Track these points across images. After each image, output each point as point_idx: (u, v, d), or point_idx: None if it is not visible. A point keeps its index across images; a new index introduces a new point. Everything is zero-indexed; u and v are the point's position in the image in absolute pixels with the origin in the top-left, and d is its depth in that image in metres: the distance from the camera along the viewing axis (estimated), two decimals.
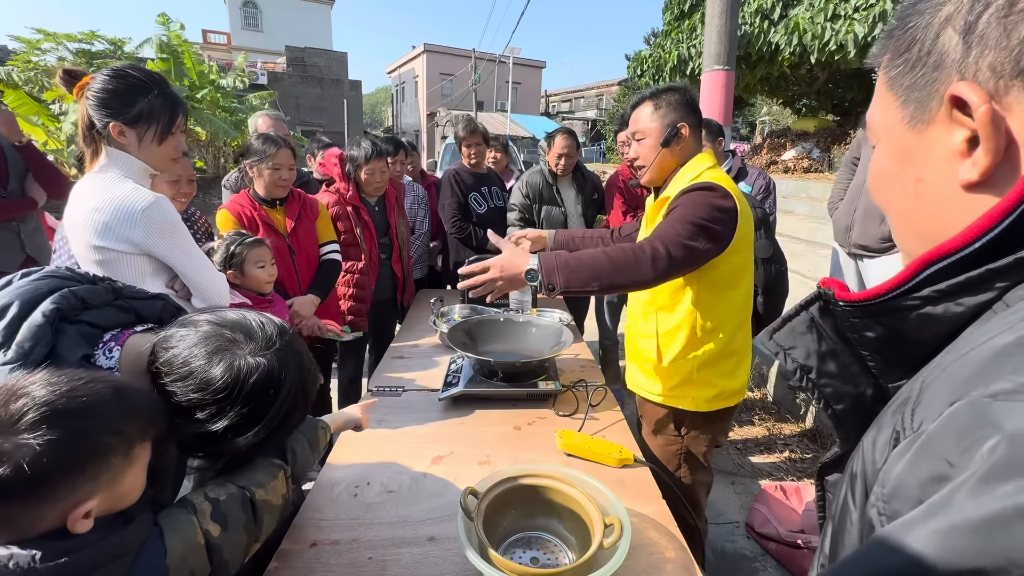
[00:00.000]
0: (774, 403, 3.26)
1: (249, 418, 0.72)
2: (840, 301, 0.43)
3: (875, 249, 2.30)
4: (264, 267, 1.78)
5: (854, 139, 2.59)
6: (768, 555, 2.03)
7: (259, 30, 27.23)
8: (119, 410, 0.60)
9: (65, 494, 0.55)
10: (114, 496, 0.60)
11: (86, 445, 0.57)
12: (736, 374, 1.42)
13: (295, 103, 18.45)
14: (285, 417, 0.76)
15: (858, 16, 6.46)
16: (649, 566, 0.94)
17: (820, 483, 0.52)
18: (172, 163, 1.36)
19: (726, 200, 1.26)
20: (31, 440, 0.53)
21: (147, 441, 0.63)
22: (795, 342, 0.47)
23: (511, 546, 0.97)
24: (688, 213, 1.24)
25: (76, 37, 9.68)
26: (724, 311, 1.37)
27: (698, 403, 1.40)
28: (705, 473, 1.49)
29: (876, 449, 0.34)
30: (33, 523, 0.55)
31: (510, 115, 20.71)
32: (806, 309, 0.47)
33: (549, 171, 2.79)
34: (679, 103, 1.36)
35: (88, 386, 0.59)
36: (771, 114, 14.43)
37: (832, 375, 0.46)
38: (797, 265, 4.40)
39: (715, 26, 4.28)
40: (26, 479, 0.52)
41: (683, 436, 1.45)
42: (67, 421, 0.56)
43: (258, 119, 2.70)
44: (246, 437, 0.73)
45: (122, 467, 0.60)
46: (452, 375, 1.60)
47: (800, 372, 0.47)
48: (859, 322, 0.42)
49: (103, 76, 1.21)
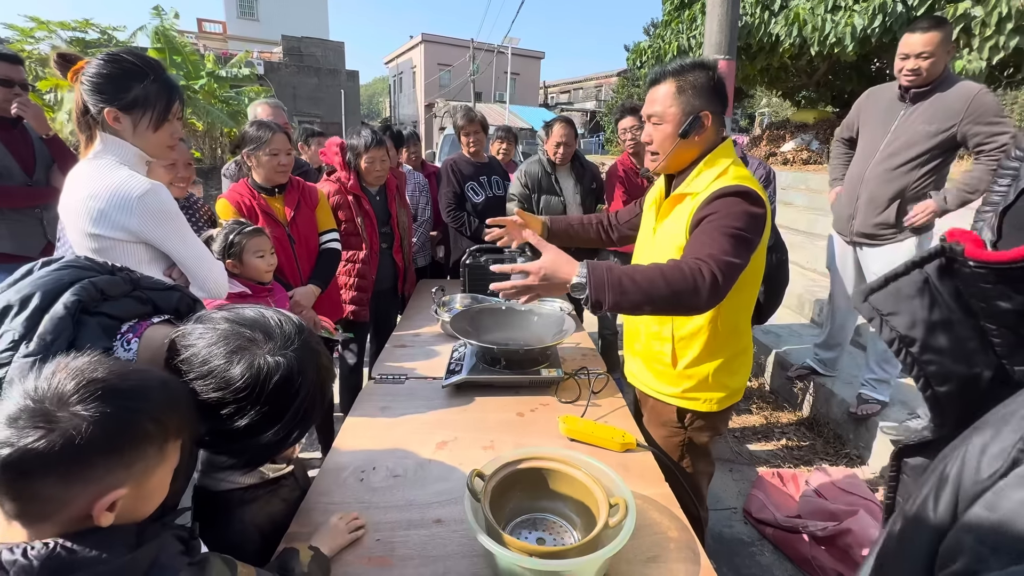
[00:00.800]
0: (772, 392, 3.29)
1: (269, 417, 0.73)
2: (971, 260, 0.34)
3: (878, 237, 2.31)
4: (263, 256, 1.77)
5: (845, 119, 2.56)
6: (765, 540, 2.06)
7: (255, 19, 26.93)
8: (164, 400, 0.61)
9: (100, 476, 0.56)
10: (141, 493, 0.60)
11: (130, 427, 0.57)
12: (742, 371, 1.41)
13: (292, 93, 18.29)
14: (304, 415, 0.77)
15: (858, 8, 6.43)
16: (653, 545, 0.96)
17: (897, 464, 0.45)
18: (168, 151, 1.34)
19: (758, 207, 1.18)
20: (83, 412, 0.54)
21: (180, 440, 0.64)
22: (898, 307, 0.38)
23: (517, 527, 0.99)
24: (728, 225, 1.14)
25: (70, 25, 9.58)
26: (738, 313, 1.34)
27: (710, 405, 1.37)
28: (707, 463, 1.49)
29: (985, 458, 0.27)
30: (60, 506, 0.55)
31: (508, 106, 20.60)
32: (920, 267, 0.38)
33: (548, 160, 2.79)
34: (704, 86, 1.22)
35: (138, 372, 0.61)
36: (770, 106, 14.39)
37: (940, 350, 0.37)
38: (796, 256, 4.41)
39: (716, 15, 4.26)
40: (70, 451, 0.53)
41: (686, 428, 1.44)
42: (118, 400, 0.56)
43: (257, 107, 2.68)
44: (267, 435, 0.74)
45: (155, 461, 0.60)
46: (455, 363, 1.62)
47: (899, 343, 0.38)
48: (992, 288, 0.34)
49: (98, 61, 1.19)
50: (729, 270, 1.09)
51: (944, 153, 2.15)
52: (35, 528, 0.56)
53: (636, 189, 2.81)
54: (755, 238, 1.17)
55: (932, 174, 2.18)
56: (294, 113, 17.09)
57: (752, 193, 1.17)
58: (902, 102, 2.22)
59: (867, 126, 2.39)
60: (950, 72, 2.16)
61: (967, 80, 2.14)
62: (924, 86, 2.13)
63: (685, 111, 1.23)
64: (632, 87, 19.19)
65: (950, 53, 2.15)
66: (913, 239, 2.27)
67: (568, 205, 2.84)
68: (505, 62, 23.12)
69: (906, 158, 2.17)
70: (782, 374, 3.20)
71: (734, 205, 1.16)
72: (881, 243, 2.32)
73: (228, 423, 0.71)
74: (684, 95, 1.23)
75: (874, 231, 2.32)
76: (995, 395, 0.34)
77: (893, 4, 6.08)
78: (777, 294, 1.96)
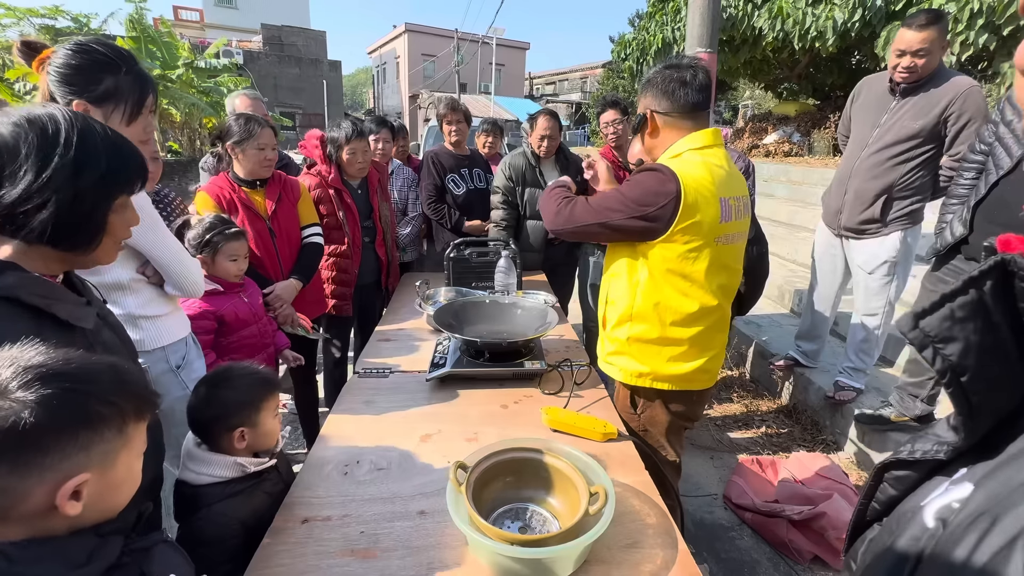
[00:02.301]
0: (752, 381, 3.36)
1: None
2: None
3: (862, 231, 2.34)
4: (236, 261, 1.74)
5: (842, 119, 2.59)
6: (744, 524, 2.12)
7: (233, 7, 26.29)
8: (113, 381, 0.60)
9: (55, 462, 0.54)
10: (106, 480, 0.59)
11: (79, 407, 0.56)
12: (679, 363, 1.42)
13: (272, 83, 17.97)
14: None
15: (838, 2, 6.51)
16: (633, 531, 0.98)
17: (879, 475, 0.43)
18: (141, 145, 1.30)
19: (666, 184, 1.27)
20: (24, 396, 0.53)
21: (141, 422, 0.63)
22: (952, 331, 0.33)
23: (500, 517, 1.01)
24: (623, 188, 1.35)
25: (39, 12, 9.26)
26: (671, 298, 1.36)
27: (626, 376, 1.46)
28: (667, 454, 1.51)
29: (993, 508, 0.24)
30: (19, 499, 0.53)
31: (494, 97, 20.48)
32: (977, 286, 0.32)
33: (532, 153, 2.79)
34: (650, 91, 1.40)
35: (81, 356, 0.60)
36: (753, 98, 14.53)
37: (990, 379, 0.33)
38: (777, 247, 4.49)
39: (698, 8, 4.28)
40: (16, 439, 0.51)
41: (639, 415, 1.49)
42: (61, 381, 0.55)
43: (236, 99, 2.64)
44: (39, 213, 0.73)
45: (115, 444, 0.59)
46: (439, 356, 1.62)
47: (952, 375, 0.33)
48: None
49: (66, 51, 1.13)
50: (586, 214, 1.38)
51: (933, 149, 2.14)
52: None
53: (617, 181, 2.83)
54: (650, 209, 1.29)
55: (920, 169, 2.17)
56: (275, 104, 16.80)
57: (666, 170, 1.28)
58: (892, 95, 2.22)
59: (858, 116, 2.39)
60: (942, 66, 2.14)
61: (959, 75, 2.11)
62: (917, 82, 2.12)
63: (638, 112, 1.44)
64: (617, 79, 19.19)
65: (944, 48, 2.12)
66: (898, 233, 2.28)
67: None
68: (490, 53, 22.95)
69: (893, 153, 2.18)
70: (763, 364, 3.26)
71: (640, 177, 1.33)
72: (866, 237, 2.34)
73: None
74: (640, 98, 1.44)
75: (860, 226, 2.34)
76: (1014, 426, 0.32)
77: None
78: (758, 285, 1.99)
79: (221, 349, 1.70)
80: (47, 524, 0.56)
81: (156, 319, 1.33)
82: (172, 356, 1.36)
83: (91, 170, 0.77)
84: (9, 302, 0.73)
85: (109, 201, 0.82)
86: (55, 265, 0.82)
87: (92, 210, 0.80)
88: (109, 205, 0.82)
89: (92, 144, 0.78)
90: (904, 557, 0.33)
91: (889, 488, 0.42)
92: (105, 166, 0.79)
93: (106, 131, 0.81)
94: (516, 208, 2.81)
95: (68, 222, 0.77)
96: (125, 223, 0.87)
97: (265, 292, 1.97)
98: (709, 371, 1.48)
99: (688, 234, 1.29)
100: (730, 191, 1.35)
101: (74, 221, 0.78)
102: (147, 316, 1.30)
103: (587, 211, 1.40)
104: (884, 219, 2.27)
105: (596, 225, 1.37)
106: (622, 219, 1.32)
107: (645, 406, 1.49)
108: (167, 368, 1.34)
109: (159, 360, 1.33)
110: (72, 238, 0.80)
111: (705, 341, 1.44)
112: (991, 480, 0.30)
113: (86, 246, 0.82)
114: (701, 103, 1.36)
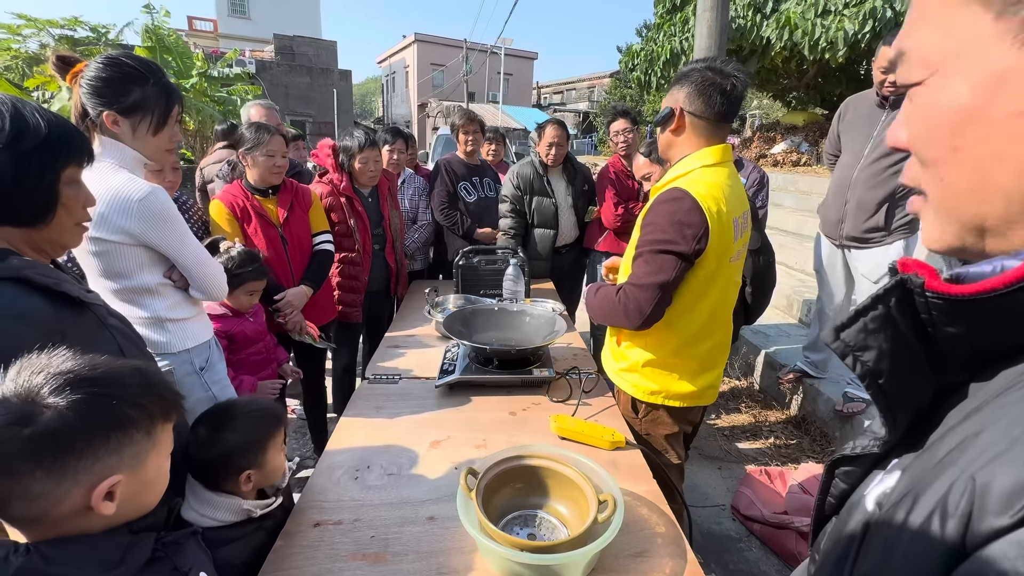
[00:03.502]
0: (760, 391, 3.34)
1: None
2: (929, 292, 0.35)
3: (866, 240, 2.35)
4: (252, 296, 1.80)
5: (828, 136, 2.62)
6: (752, 536, 2.10)
7: (246, 17, 26.74)
8: (139, 384, 0.62)
9: (88, 465, 0.56)
10: (138, 480, 0.61)
11: (109, 411, 0.58)
12: (690, 381, 1.42)
13: (283, 92, 18.20)
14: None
15: (848, 12, 6.52)
16: (642, 540, 0.98)
17: (831, 471, 0.48)
18: (166, 154, 1.35)
19: (692, 214, 1.24)
20: (56, 401, 0.54)
21: (168, 423, 0.65)
22: (868, 341, 0.39)
23: (509, 523, 1.01)
24: (656, 240, 1.28)
25: (58, 23, 9.45)
26: (678, 324, 1.37)
27: (639, 392, 1.46)
28: (671, 456, 1.51)
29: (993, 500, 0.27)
30: (56, 502, 0.55)
31: (501, 106, 20.63)
32: (884, 301, 0.38)
33: (540, 162, 2.82)
34: (686, 88, 1.32)
35: (107, 361, 0.61)
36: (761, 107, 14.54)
37: (903, 379, 0.39)
38: (784, 257, 4.48)
39: (706, 20, 4.31)
40: (51, 443, 0.53)
41: (640, 420, 1.49)
42: (90, 386, 0.57)
43: (250, 109, 2.69)
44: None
45: (145, 446, 0.61)
46: (448, 363, 1.64)
47: (871, 378, 0.39)
48: (945, 316, 0.35)
49: (97, 64, 1.19)
50: (650, 293, 1.29)
51: None
52: (32, 531, 0.56)
53: (627, 191, 2.85)
54: (685, 246, 1.25)
55: None
56: (286, 112, 17.00)
57: (686, 196, 1.25)
58: (882, 108, 2.27)
59: (849, 133, 2.44)
60: None
61: None
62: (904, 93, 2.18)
63: (666, 104, 1.37)
64: (625, 88, 19.26)
65: None
66: (901, 241, 2.30)
67: (560, 207, 2.87)
68: (498, 62, 23.15)
69: (891, 161, 2.21)
70: (771, 374, 3.24)
71: (666, 215, 1.27)
72: (870, 246, 2.36)
73: None
74: (672, 89, 1.36)
75: (864, 235, 2.35)
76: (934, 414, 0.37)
77: (883, 9, 6.18)
78: (765, 295, 1.99)
79: (232, 366, 1.74)
80: (83, 524, 0.57)
81: (182, 322, 1.36)
82: (196, 358, 1.39)
83: (31, 135, 0.79)
84: (19, 283, 0.75)
85: (55, 169, 0.83)
86: (21, 248, 0.84)
87: (39, 177, 0.81)
88: (56, 174, 0.83)
89: (28, 114, 0.80)
90: (852, 539, 0.37)
91: (840, 483, 0.47)
92: (46, 132, 0.80)
93: (42, 108, 0.83)
94: (524, 217, 2.84)
95: (16, 192, 0.79)
96: (79, 200, 0.88)
97: (276, 298, 2.00)
98: (715, 386, 1.51)
99: (707, 258, 1.29)
100: (738, 209, 1.36)
101: (23, 191, 0.80)
102: (173, 319, 1.34)
103: (642, 293, 1.30)
104: (888, 227, 2.29)
105: (657, 290, 1.29)
106: (674, 273, 1.28)
107: (647, 411, 1.49)
108: (192, 370, 1.38)
109: (184, 362, 1.36)
110: (25, 210, 0.81)
111: (714, 358, 1.46)
112: (913, 465, 0.36)
113: (41, 217, 0.83)
114: (730, 115, 1.33)
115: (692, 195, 1.25)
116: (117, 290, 1.26)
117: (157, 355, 1.25)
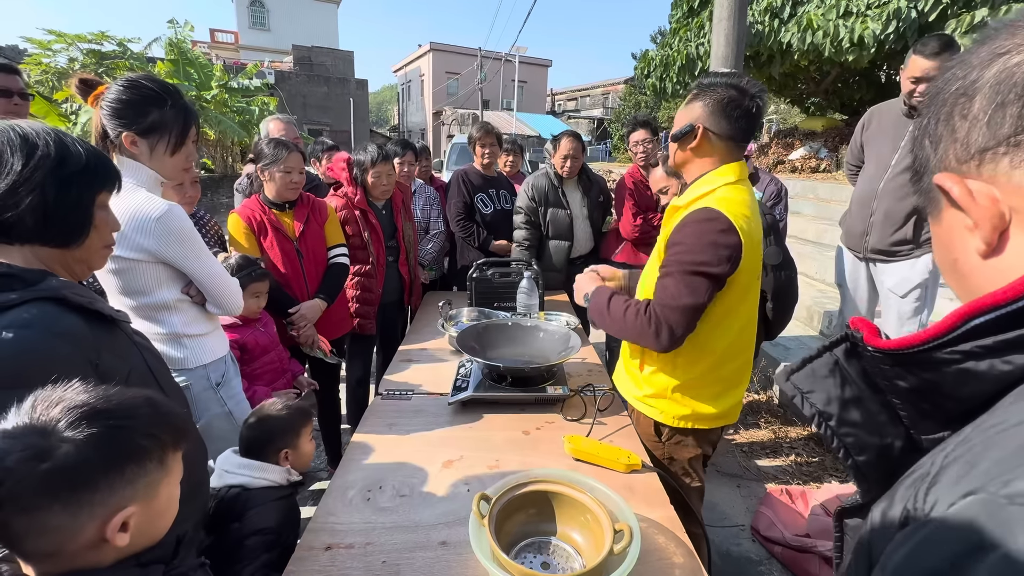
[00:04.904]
0: (780, 406, 3.26)
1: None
2: (869, 347, 0.39)
3: (894, 253, 2.28)
4: (258, 298, 1.82)
5: (850, 146, 2.55)
6: (773, 559, 2.04)
7: (266, 29, 27.34)
8: (152, 415, 0.62)
9: (104, 498, 0.56)
10: (151, 511, 0.61)
11: (124, 444, 0.58)
12: (718, 402, 1.39)
13: (301, 102, 18.54)
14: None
15: (871, 13, 6.39)
16: (658, 571, 0.95)
17: (839, 525, 0.49)
18: (183, 173, 1.38)
19: (728, 235, 1.20)
20: (72, 435, 0.55)
21: (179, 451, 0.65)
22: (815, 385, 0.43)
23: (522, 551, 0.99)
24: (690, 262, 1.22)
25: (86, 38, 9.77)
26: (708, 345, 1.33)
27: (667, 418, 1.39)
28: (693, 479, 1.47)
29: (884, 522, 0.32)
30: (71, 536, 0.55)
31: (516, 114, 20.72)
32: (830, 351, 0.43)
33: (555, 174, 2.81)
34: (708, 105, 1.28)
35: (120, 393, 0.62)
36: (779, 113, 14.36)
37: (855, 424, 0.42)
38: (805, 267, 4.39)
39: (722, 29, 4.27)
40: (69, 477, 0.53)
41: (664, 443, 1.44)
42: (106, 419, 0.57)
43: (270, 123, 2.73)
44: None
45: (158, 476, 0.61)
46: (461, 379, 1.62)
47: (819, 418, 0.43)
48: (890, 370, 0.39)
49: (117, 87, 1.22)
50: (683, 316, 1.23)
51: None
52: (45, 565, 0.56)
53: (646, 201, 2.82)
54: (720, 268, 1.21)
55: None
56: (304, 121, 17.31)
57: (720, 217, 1.21)
58: (909, 118, 2.20)
59: (874, 144, 2.36)
60: None
61: None
62: None
63: (685, 120, 1.32)
64: (639, 94, 19.20)
65: None
66: (929, 255, 2.22)
67: (575, 218, 2.85)
68: (512, 70, 23.28)
69: None
70: None
71: (699, 235, 1.22)
72: (897, 259, 2.28)
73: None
74: (689, 105, 1.33)
75: (891, 248, 2.27)
76: (908, 460, 0.38)
77: (907, 10, 6.03)
78: (786, 310, 1.94)
79: (246, 377, 1.75)
80: (96, 557, 0.57)
81: (199, 338, 1.38)
82: (213, 374, 1.40)
83: (73, 161, 0.83)
84: (58, 302, 0.79)
85: (92, 193, 0.87)
86: (55, 267, 0.87)
87: (78, 200, 0.85)
88: (92, 198, 0.88)
89: (70, 141, 0.84)
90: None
91: (848, 538, 0.48)
92: (86, 160, 0.85)
93: (80, 139, 0.88)
94: (539, 228, 2.82)
95: (57, 213, 0.82)
96: (108, 224, 0.92)
97: (291, 311, 2.01)
98: (740, 404, 1.46)
99: (739, 277, 1.26)
100: (759, 222, 1.33)
101: (62, 212, 0.83)
102: (190, 335, 1.35)
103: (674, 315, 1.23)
104: (917, 239, 2.21)
105: (692, 313, 1.23)
106: (706, 296, 1.23)
107: (672, 435, 1.44)
108: (208, 385, 1.39)
109: (201, 378, 1.37)
110: (63, 230, 0.85)
111: (740, 375, 1.42)
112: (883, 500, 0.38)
113: (77, 238, 0.87)
114: (749, 134, 1.31)
115: (726, 215, 1.21)
116: (135, 307, 1.28)
117: (174, 371, 1.26)
